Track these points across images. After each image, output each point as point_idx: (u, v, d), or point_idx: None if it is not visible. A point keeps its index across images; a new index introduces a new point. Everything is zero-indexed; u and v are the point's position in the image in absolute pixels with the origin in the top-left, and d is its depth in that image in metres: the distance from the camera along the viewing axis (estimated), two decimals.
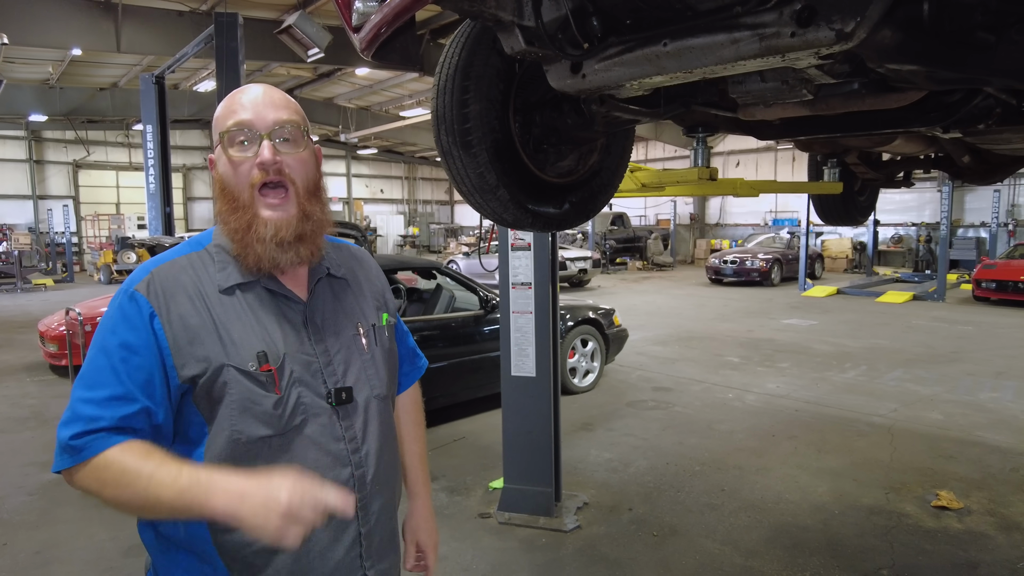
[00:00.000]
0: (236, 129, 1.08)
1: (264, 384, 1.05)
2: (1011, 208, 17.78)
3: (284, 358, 1.08)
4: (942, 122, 1.85)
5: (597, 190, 2.07)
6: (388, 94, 19.90)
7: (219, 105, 1.14)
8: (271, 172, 1.08)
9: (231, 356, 1.05)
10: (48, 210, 19.74)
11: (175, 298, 1.05)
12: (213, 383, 1.04)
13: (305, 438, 1.08)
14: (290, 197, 1.10)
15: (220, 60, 5.92)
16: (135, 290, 1.05)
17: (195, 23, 11.39)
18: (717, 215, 24.03)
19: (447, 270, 5.72)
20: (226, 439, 1.04)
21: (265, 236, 1.07)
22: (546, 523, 3.51)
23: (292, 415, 1.07)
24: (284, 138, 1.10)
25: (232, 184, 1.09)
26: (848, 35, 1.05)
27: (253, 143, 1.08)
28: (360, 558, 1.14)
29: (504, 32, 1.38)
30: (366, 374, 1.18)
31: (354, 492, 1.12)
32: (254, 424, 1.05)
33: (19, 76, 16.57)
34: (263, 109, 1.09)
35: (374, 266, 1.34)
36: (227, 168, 1.09)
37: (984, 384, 6.39)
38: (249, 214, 1.08)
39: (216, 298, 1.08)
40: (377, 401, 1.18)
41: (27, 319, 10.53)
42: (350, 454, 1.12)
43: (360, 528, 1.14)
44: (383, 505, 1.18)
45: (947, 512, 3.64)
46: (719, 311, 11.48)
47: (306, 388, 1.09)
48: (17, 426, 5.26)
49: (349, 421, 1.13)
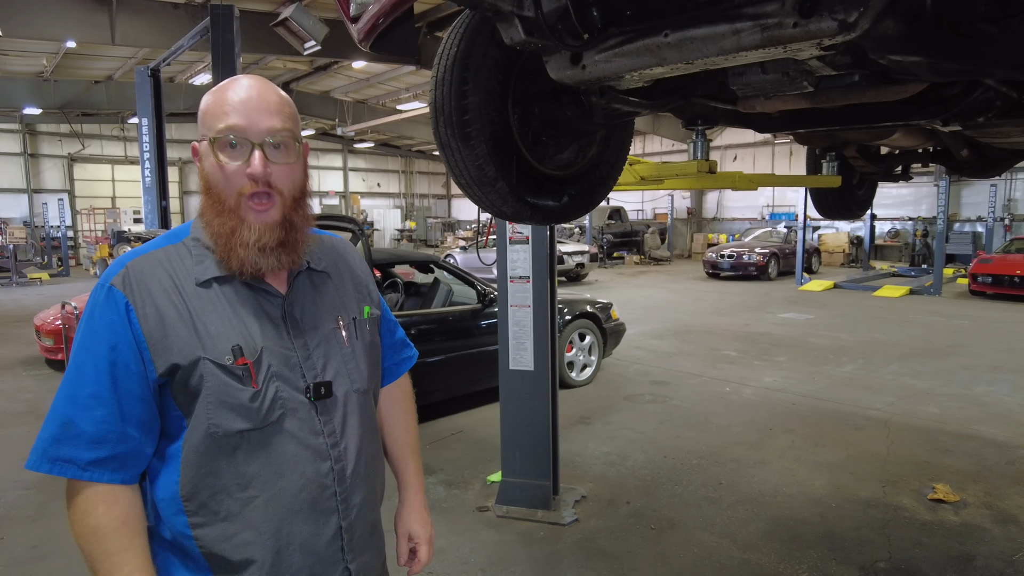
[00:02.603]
0: (227, 134, 1.05)
1: (240, 378, 1.05)
2: (1007, 203, 17.81)
3: (261, 352, 1.08)
4: (942, 115, 1.84)
5: (596, 183, 2.06)
6: (385, 87, 19.82)
7: (208, 95, 1.10)
8: (260, 184, 1.06)
9: (207, 349, 1.04)
10: (43, 204, 19.66)
11: (150, 291, 1.05)
12: (189, 376, 1.04)
13: (284, 432, 1.08)
14: (275, 205, 1.08)
15: (216, 53, 5.86)
16: (111, 284, 1.05)
17: (190, 15, 11.31)
18: (714, 209, 24.04)
19: (445, 264, 5.71)
20: (203, 433, 1.04)
21: (248, 241, 1.06)
22: (544, 516, 3.51)
23: (270, 409, 1.07)
24: (275, 146, 1.08)
25: (219, 187, 1.08)
26: (851, 25, 1.04)
27: (244, 150, 1.06)
28: (342, 551, 1.15)
29: (503, 22, 1.37)
30: (346, 368, 1.17)
31: (334, 486, 1.12)
32: (231, 418, 1.04)
33: (13, 69, 16.46)
34: (256, 115, 1.06)
35: (357, 257, 1.33)
36: (215, 170, 1.07)
37: (980, 378, 6.41)
38: (234, 219, 1.07)
39: (193, 291, 1.07)
40: (357, 395, 1.18)
41: (22, 313, 10.49)
42: (329, 448, 1.12)
43: (341, 522, 1.14)
44: (364, 499, 1.19)
45: (943, 505, 3.65)
46: (716, 305, 11.50)
47: (284, 383, 1.09)
48: (13, 420, 5.25)
49: (328, 416, 1.13)
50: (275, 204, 1.08)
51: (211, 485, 1.05)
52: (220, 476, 1.05)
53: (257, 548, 1.07)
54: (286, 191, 1.10)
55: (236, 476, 1.06)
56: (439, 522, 3.51)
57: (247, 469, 1.06)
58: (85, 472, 1.01)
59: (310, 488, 1.10)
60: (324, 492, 1.12)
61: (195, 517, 1.05)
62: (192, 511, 1.05)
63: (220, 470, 1.05)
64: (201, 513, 1.05)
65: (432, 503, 3.75)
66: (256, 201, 1.07)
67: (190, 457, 1.05)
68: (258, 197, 1.07)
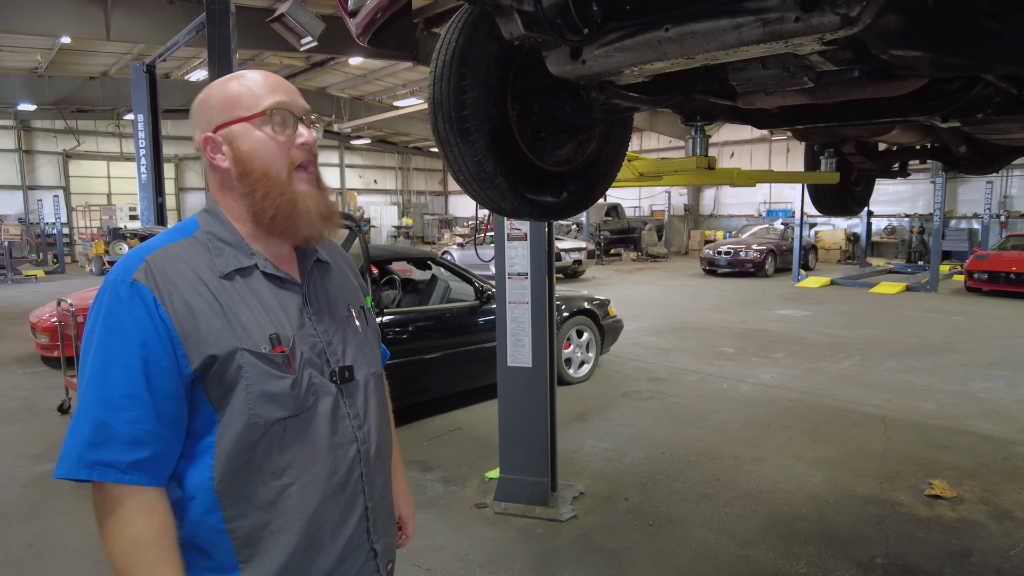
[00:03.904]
0: (279, 108, 1.10)
1: (280, 365, 1.06)
2: (1003, 199, 17.84)
3: (294, 339, 1.09)
4: (941, 111, 1.84)
5: (595, 179, 2.05)
6: (381, 84, 19.77)
7: (222, 85, 1.11)
8: (311, 153, 1.13)
9: (242, 340, 1.03)
10: (38, 201, 19.56)
11: (175, 284, 1.03)
12: (226, 368, 1.02)
13: (319, 418, 1.10)
14: (315, 176, 1.15)
15: (212, 49, 5.85)
16: (133, 279, 1.01)
17: (186, 11, 11.24)
18: (711, 206, 24.04)
19: (442, 261, 5.70)
20: (242, 425, 1.03)
21: (310, 209, 1.12)
22: (542, 513, 3.52)
23: (306, 396, 1.08)
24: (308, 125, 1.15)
25: (268, 162, 1.10)
26: (853, 20, 1.03)
27: (289, 124, 1.12)
28: (367, 532, 1.17)
29: (503, 17, 1.36)
30: (363, 353, 1.21)
31: (360, 467, 1.15)
32: (271, 407, 1.04)
33: (7, 65, 16.37)
34: (294, 94, 1.14)
35: (344, 253, 1.38)
36: (262, 146, 1.09)
37: (976, 374, 6.43)
38: (289, 191, 1.11)
39: (217, 283, 1.06)
40: (374, 379, 1.22)
41: (18, 310, 10.45)
42: (355, 430, 1.15)
43: (367, 503, 1.16)
44: (384, 480, 1.22)
45: (940, 501, 3.67)
46: (713, 302, 11.51)
47: (314, 369, 1.11)
48: (9, 418, 5.23)
49: (352, 399, 1.16)
50: (315, 174, 1.15)
51: (247, 476, 1.04)
52: (257, 466, 1.04)
53: (291, 534, 1.07)
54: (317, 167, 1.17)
55: (271, 465, 1.05)
56: (437, 519, 3.51)
57: (283, 457, 1.06)
58: (126, 475, 0.97)
59: (341, 472, 1.12)
60: (352, 475, 1.14)
61: (229, 510, 1.03)
62: (227, 504, 1.03)
63: (257, 460, 1.04)
64: (237, 505, 1.04)
65: (430, 500, 3.75)
66: (307, 171, 1.13)
67: (226, 450, 1.02)
68: (309, 166, 1.13)
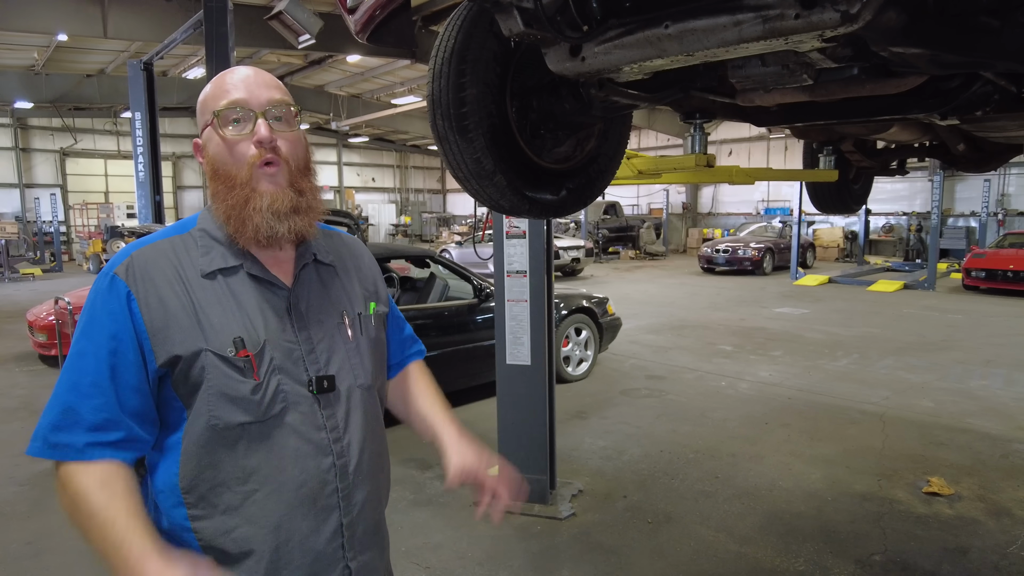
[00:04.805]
0: (230, 108, 1.08)
1: (242, 370, 1.05)
2: (1001, 198, 17.86)
3: (264, 344, 1.07)
4: (940, 108, 1.84)
5: (594, 176, 2.04)
6: (379, 82, 19.74)
7: (207, 87, 1.13)
8: (267, 149, 1.08)
9: (209, 340, 1.04)
10: (35, 199, 19.49)
11: (154, 281, 1.05)
12: (191, 368, 1.04)
13: (285, 426, 1.08)
14: (284, 170, 1.10)
15: (209, 46, 5.82)
16: (114, 273, 1.06)
17: (184, 9, 11.20)
18: (709, 204, 24.04)
19: (441, 258, 5.70)
20: (204, 425, 1.04)
21: (261, 207, 1.07)
22: (541, 511, 3.52)
23: (272, 402, 1.07)
24: (277, 117, 1.10)
25: (227, 164, 1.09)
26: (853, 17, 1.03)
27: (247, 122, 1.09)
28: (342, 548, 1.13)
29: (502, 14, 1.35)
30: (350, 363, 1.16)
31: (336, 482, 1.12)
32: (232, 410, 1.04)
33: (4, 62, 16.31)
34: (255, 88, 1.10)
35: (367, 255, 1.33)
36: (221, 148, 1.09)
37: (974, 372, 6.44)
38: (247, 189, 1.08)
39: (197, 282, 1.07)
40: (360, 391, 1.17)
41: (15, 309, 10.43)
42: (331, 443, 1.11)
43: (342, 518, 1.13)
44: (367, 496, 1.17)
45: (938, 498, 3.67)
46: (711, 300, 11.52)
47: (286, 376, 1.09)
48: (7, 416, 5.22)
49: (331, 410, 1.12)
50: (283, 169, 1.10)
51: (211, 478, 1.05)
52: (220, 469, 1.05)
53: (256, 543, 1.06)
54: (291, 161, 1.11)
55: (236, 469, 1.05)
56: (436, 517, 3.52)
57: (247, 463, 1.06)
58: (83, 454, 1.00)
59: (311, 483, 1.09)
60: (325, 488, 1.11)
61: (194, 510, 1.05)
62: (191, 503, 1.05)
63: (220, 463, 1.05)
64: (200, 506, 1.05)
65: (429, 498, 3.75)
66: (266, 167, 1.09)
67: (190, 449, 1.04)
68: (268, 163, 1.09)
